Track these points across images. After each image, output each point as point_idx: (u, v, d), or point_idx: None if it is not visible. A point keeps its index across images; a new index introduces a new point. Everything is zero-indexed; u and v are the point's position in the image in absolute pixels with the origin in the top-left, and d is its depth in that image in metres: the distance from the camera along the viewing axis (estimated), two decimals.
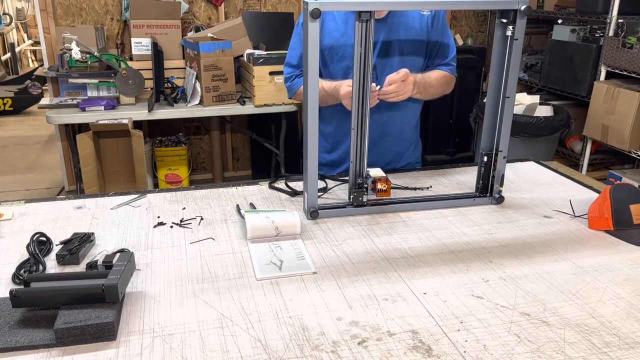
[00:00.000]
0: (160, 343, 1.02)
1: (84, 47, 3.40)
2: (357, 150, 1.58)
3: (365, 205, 1.59)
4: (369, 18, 1.46)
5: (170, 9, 3.78)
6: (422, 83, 1.78)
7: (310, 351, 1.00)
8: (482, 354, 1.00)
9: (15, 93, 6.63)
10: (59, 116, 3.35)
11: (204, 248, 1.39)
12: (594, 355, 1.00)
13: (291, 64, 1.95)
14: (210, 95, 3.48)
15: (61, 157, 4.20)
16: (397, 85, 1.67)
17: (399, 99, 1.69)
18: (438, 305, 1.15)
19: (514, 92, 1.58)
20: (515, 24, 1.50)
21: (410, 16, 1.80)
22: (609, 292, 1.20)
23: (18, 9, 8.77)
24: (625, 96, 3.49)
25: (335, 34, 1.80)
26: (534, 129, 3.61)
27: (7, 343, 1.00)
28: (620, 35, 3.55)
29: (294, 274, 1.26)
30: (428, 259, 1.34)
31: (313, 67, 1.43)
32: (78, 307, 1.04)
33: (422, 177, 1.89)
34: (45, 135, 5.80)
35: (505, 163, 1.65)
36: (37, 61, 8.63)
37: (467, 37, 4.82)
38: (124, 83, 3.44)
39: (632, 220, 1.48)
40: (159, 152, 4.01)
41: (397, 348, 1.01)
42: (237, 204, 1.64)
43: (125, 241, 1.42)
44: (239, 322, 1.08)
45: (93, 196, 1.71)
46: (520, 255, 1.37)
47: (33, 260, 1.28)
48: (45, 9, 3.84)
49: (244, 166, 4.66)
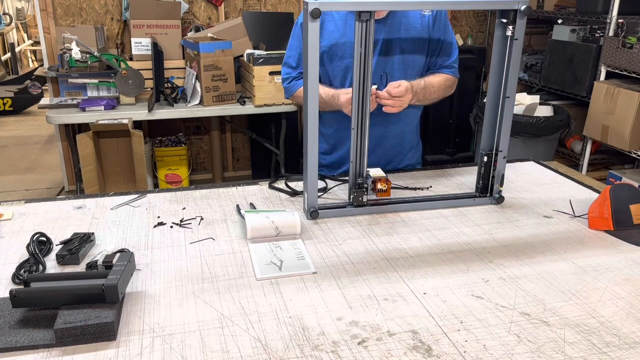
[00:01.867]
0: (160, 343, 1.02)
1: (84, 47, 3.40)
2: (357, 150, 1.58)
3: (365, 205, 1.59)
4: (368, 18, 1.46)
5: (170, 9, 3.78)
6: (422, 92, 1.77)
7: (310, 351, 1.00)
8: (482, 354, 1.00)
9: (15, 93, 6.63)
10: (59, 116, 3.35)
11: (204, 248, 1.39)
12: (594, 355, 1.00)
13: (290, 64, 1.95)
14: (210, 95, 3.48)
15: (61, 157, 4.20)
16: (394, 102, 1.67)
17: (394, 111, 1.70)
18: (438, 305, 1.15)
19: (514, 92, 1.58)
20: (515, 24, 1.50)
21: (411, 16, 1.80)
22: (609, 292, 1.20)
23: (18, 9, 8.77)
24: (625, 96, 3.49)
25: (335, 34, 1.80)
26: (534, 129, 3.61)
27: (7, 343, 1.00)
28: (620, 35, 3.55)
29: (294, 274, 1.26)
30: (428, 259, 1.34)
31: (313, 67, 1.43)
32: (78, 307, 1.04)
33: (422, 177, 1.89)
34: (45, 135, 5.80)
35: (505, 163, 1.65)
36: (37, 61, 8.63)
37: (467, 37, 4.82)
38: (124, 83, 3.44)
39: (632, 220, 1.48)
40: (159, 152, 4.01)
41: (397, 348, 1.01)
42: (237, 204, 1.64)
43: (125, 241, 1.42)
44: (239, 322, 1.08)
45: (93, 196, 1.71)
46: (520, 255, 1.37)
47: (33, 260, 1.28)
48: (45, 9, 3.84)
49: (244, 166, 4.66)
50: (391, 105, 1.68)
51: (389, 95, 1.66)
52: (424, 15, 1.81)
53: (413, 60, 1.83)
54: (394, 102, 1.67)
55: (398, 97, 1.66)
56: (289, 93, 1.98)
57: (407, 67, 1.83)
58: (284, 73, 1.97)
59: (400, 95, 1.66)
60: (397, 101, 1.67)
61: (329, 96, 1.78)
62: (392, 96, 1.66)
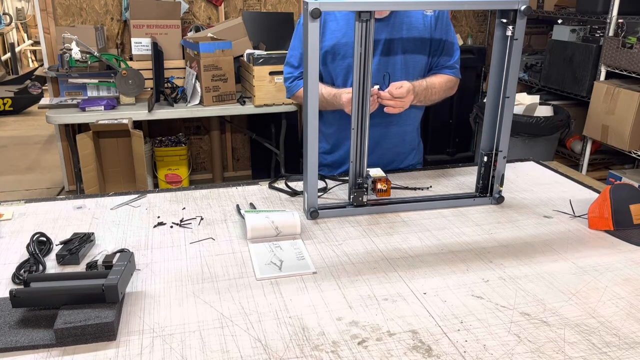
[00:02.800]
0: (160, 343, 1.02)
1: (84, 47, 3.40)
2: (357, 150, 1.58)
3: (365, 205, 1.59)
4: (369, 18, 1.46)
5: (170, 9, 3.78)
6: (423, 92, 1.77)
7: (310, 351, 1.00)
8: (482, 354, 1.00)
9: (15, 93, 6.63)
10: (59, 116, 3.35)
11: (204, 248, 1.39)
12: (594, 355, 1.00)
13: (292, 64, 1.95)
14: (210, 95, 3.48)
15: (61, 157, 4.20)
16: (395, 102, 1.67)
17: (396, 112, 1.70)
18: (438, 305, 1.15)
19: (514, 92, 1.58)
20: (515, 24, 1.50)
21: (413, 16, 1.80)
22: (609, 292, 1.20)
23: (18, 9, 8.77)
24: (625, 96, 3.49)
25: (337, 34, 1.80)
26: (534, 129, 3.61)
27: (7, 343, 1.00)
28: (620, 35, 3.55)
29: (294, 274, 1.26)
30: (428, 259, 1.34)
31: (313, 67, 1.42)
32: (78, 307, 1.04)
33: (422, 177, 1.89)
34: (45, 135, 5.80)
35: (505, 163, 1.65)
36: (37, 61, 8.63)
37: (467, 37, 4.82)
38: (124, 83, 3.44)
39: (632, 220, 1.48)
40: (159, 152, 4.01)
41: (397, 348, 1.01)
42: (237, 204, 1.64)
43: (125, 241, 1.42)
44: (239, 322, 1.08)
45: (93, 196, 1.71)
46: (520, 255, 1.37)
47: (33, 260, 1.28)
48: (45, 9, 3.84)
49: (244, 166, 4.66)
50: (393, 105, 1.68)
51: (391, 96, 1.66)
52: (426, 15, 1.81)
53: (415, 61, 1.83)
54: (395, 103, 1.67)
55: (400, 98, 1.66)
56: (290, 93, 1.98)
57: (409, 67, 1.83)
58: (286, 73, 1.98)
59: (402, 96, 1.66)
60: (398, 102, 1.67)
61: (330, 95, 1.78)
62: (394, 97, 1.66)
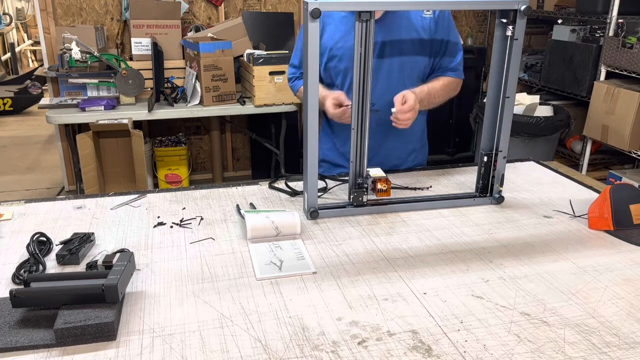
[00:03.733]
0: (160, 343, 1.02)
1: (84, 47, 3.40)
2: (357, 150, 1.58)
3: (365, 205, 1.59)
4: (368, 18, 1.45)
5: (170, 9, 3.78)
6: (426, 98, 1.77)
7: (310, 351, 1.00)
8: (482, 354, 1.00)
9: (15, 93, 6.63)
10: (59, 116, 3.35)
11: (204, 248, 1.39)
12: (594, 355, 1.00)
13: (294, 64, 2.00)
14: (210, 95, 3.48)
15: (61, 157, 4.20)
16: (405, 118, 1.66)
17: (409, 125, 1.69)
18: (438, 305, 1.15)
19: (514, 92, 1.58)
20: (515, 24, 1.50)
21: (409, 18, 1.78)
22: (609, 292, 1.20)
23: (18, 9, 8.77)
24: (625, 96, 3.50)
25: (336, 35, 1.80)
26: (534, 129, 3.61)
27: (7, 343, 1.00)
28: (620, 35, 3.55)
29: (294, 274, 1.26)
30: (428, 259, 1.34)
31: (313, 67, 1.42)
32: (78, 307, 1.04)
33: (422, 177, 1.89)
34: (45, 135, 5.80)
35: (505, 163, 1.65)
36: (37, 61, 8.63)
37: (467, 37, 4.82)
38: (124, 83, 3.44)
39: (632, 220, 1.48)
40: (159, 152, 4.01)
41: (397, 348, 1.01)
42: (237, 204, 1.64)
43: (125, 241, 1.42)
44: (239, 322, 1.08)
45: (93, 196, 1.71)
46: (520, 255, 1.37)
47: (33, 260, 1.28)
48: (45, 9, 3.85)
49: (244, 166, 4.66)
50: (404, 125, 1.67)
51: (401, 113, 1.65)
52: (424, 17, 1.78)
53: (412, 63, 1.81)
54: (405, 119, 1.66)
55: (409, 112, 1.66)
56: (293, 92, 2.05)
57: (405, 69, 1.81)
58: (289, 72, 2.05)
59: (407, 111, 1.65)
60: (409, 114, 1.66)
61: (320, 96, 1.77)
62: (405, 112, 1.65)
